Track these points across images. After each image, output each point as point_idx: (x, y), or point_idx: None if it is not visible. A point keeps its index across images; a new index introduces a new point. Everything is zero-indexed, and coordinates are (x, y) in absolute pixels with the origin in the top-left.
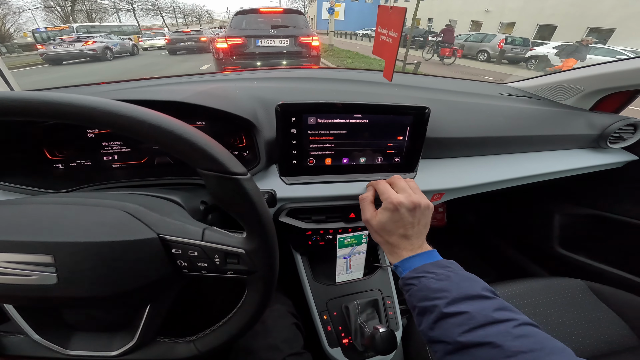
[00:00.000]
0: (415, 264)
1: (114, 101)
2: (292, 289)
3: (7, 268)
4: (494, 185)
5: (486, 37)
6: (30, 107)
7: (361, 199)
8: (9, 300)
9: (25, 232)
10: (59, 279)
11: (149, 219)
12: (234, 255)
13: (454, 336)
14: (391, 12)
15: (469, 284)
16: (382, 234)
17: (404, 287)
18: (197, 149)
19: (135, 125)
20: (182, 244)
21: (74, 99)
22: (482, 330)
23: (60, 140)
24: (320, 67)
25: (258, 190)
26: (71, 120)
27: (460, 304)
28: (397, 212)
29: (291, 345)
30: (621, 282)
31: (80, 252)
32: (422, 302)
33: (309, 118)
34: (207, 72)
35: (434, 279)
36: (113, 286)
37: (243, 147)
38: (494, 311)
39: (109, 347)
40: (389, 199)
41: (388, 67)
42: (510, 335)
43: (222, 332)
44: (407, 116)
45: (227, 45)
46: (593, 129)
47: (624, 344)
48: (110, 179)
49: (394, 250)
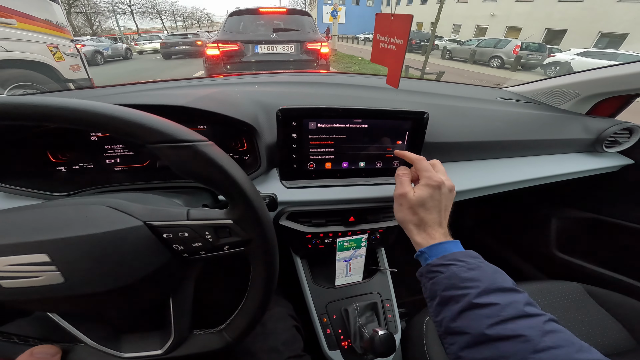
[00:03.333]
0: (445, 250)
1: (43, 97)
2: (292, 291)
3: (12, 271)
4: (491, 189)
5: (500, 43)
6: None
7: (399, 174)
8: (32, 305)
9: (15, 234)
10: (65, 277)
11: (132, 209)
12: (223, 228)
13: (481, 328)
14: (394, 20)
15: (501, 276)
16: (419, 210)
17: (429, 274)
18: (135, 124)
19: (68, 114)
20: (170, 227)
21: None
22: (512, 323)
23: (63, 143)
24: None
25: (225, 155)
26: (6, 121)
27: (492, 296)
28: (439, 190)
29: (291, 348)
30: (618, 285)
31: (71, 247)
32: (448, 291)
33: (310, 123)
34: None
35: (465, 268)
36: (119, 278)
37: (244, 151)
38: (525, 305)
39: (154, 347)
40: (433, 177)
41: (393, 74)
42: (541, 330)
43: (244, 313)
44: (406, 121)
45: (219, 52)
46: (589, 133)
47: (621, 346)
48: (112, 182)
49: (426, 230)
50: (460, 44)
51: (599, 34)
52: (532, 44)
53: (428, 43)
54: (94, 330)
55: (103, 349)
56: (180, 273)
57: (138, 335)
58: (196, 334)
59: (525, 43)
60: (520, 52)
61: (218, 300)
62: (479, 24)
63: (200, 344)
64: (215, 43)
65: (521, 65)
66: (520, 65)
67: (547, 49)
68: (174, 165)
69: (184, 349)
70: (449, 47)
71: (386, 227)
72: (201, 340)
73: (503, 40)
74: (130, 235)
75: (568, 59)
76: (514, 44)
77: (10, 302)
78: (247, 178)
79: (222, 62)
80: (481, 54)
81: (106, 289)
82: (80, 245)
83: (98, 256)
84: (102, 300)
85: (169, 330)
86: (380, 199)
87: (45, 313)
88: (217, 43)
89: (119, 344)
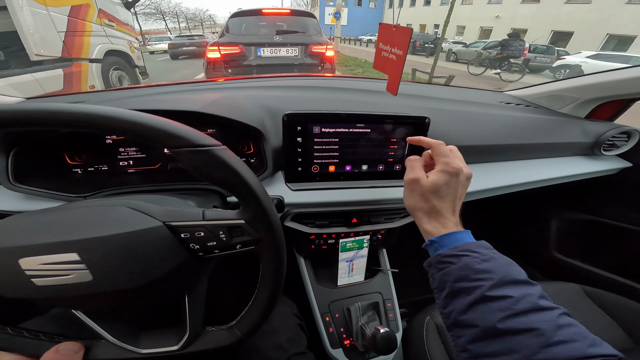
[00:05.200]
0: (458, 240)
1: (72, 105)
2: (296, 291)
3: (45, 270)
4: (491, 191)
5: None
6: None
7: (411, 159)
8: (61, 303)
9: (46, 234)
10: (94, 275)
11: (152, 210)
12: (236, 228)
13: (492, 321)
14: (395, 31)
15: (515, 268)
16: (432, 197)
17: (439, 264)
18: (157, 129)
19: (88, 120)
20: (188, 227)
21: (30, 106)
22: (525, 316)
23: (80, 146)
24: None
25: (238, 159)
26: (32, 126)
27: (506, 288)
28: (456, 177)
29: (295, 345)
30: (616, 286)
31: (99, 246)
32: (459, 283)
33: (314, 127)
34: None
35: (478, 259)
36: (142, 275)
37: (251, 154)
38: (539, 298)
39: (171, 343)
40: (452, 163)
41: (392, 82)
42: (555, 323)
43: (253, 310)
44: (408, 125)
45: (220, 55)
46: (588, 137)
47: (618, 347)
48: (125, 183)
49: (438, 218)
50: (466, 46)
51: (607, 36)
52: (540, 46)
53: (432, 45)
54: (114, 327)
55: (123, 345)
56: (196, 271)
57: (155, 332)
58: (209, 330)
59: (533, 45)
60: (528, 54)
61: (228, 297)
62: (484, 26)
63: (213, 339)
64: (216, 45)
65: (529, 68)
66: (527, 68)
67: (555, 52)
68: (191, 168)
69: (198, 345)
70: (454, 50)
71: (388, 229)
72: (214, 336)
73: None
74: (151, 235)
75: (578, 62)
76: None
77: (41, 299)
78: (258, 181)
79: (223, 66)
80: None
81: (129, 286)
82: (106, 244)
83: (123, 255)
84: (125, 298)
85: (185, 327)
86: (382, 201)
87: (66, 311)
88: (218, 45)
89: (138, 340)
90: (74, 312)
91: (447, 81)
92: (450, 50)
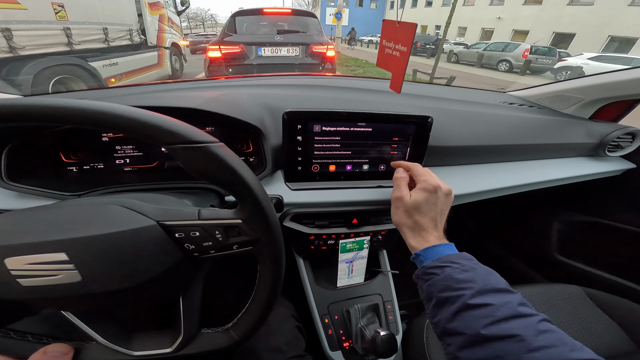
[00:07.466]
0: (440, 253)
1: (65, 99)
2: (294, 292)
3: (31, 270)
4: (494, 192)
5: (508, 46)
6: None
7: (397, 177)
8: (49, 304)
9: (33, 233)
10: (83, 276)
11: (145, 209)
12: (233, 228)
13: (477, 328)
14: (399, 27)
15: (494, 277)
16: (414, 214)
17: (424, 276)
18: (151, 125)
19: (92, 116)
20: (182, 226)
21: (32, 100)
22: (506, 323)
23: (75, 144)
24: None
25: (236, 156)
26: (32, 122)
27: (486, 296)
28: (435, 194)
29: (293, 348)
30: (618, 288)
31: (88, 246)
32: (443, 293)
33: (315, 126)
34: (212, 78)
35: (459, 269)
36: (134, 276)
37: (250, 153)
38: (519, 305)
39: (164, 345)
40: (429, 180)
41: (396, 79)
42: (535, 329)
43: (251, 312)
44: (410, 125)
45: (221, 55)
46: (592, 138)
47: (620, 349)
48: (121, 182)
49: (421, 233)
50: (467, 47)
51: (609, 37)
52: (542, 48)
53: (433, 46)
54: (106, 329)
55: (114, 347)
56: (191, 272)
57: (148, 334)
58: (204, 332)
59: (535, 47)
60: (529, 55)
61: (224, 299)
62: (485, 27)
63: (208, 342)
64: (216, 44)
65: (530, 69)
66: (529, 69)
67: (557, 53)
68: (187, 165)
69: (193, 347)
70: (456, 51)
71: (388, 230)
72: (209, 339)
73: (512, 44)
74: (144, 234)
75: (580, 63)
76: (523, 47)
77: (27, 300)
78: (256, 179)
79: (223, 65)
80: (489, 57)
81: (121, 287)
82: (97, 244)
83: (113, 255)
84: (116, 299)
85: (179, 329)
86: (382, 201)
87: (56, 312)
88: (219, 45)
89: (130, 342)
90: (64, 313)
91: (448, 82)
92: (452, 52)
